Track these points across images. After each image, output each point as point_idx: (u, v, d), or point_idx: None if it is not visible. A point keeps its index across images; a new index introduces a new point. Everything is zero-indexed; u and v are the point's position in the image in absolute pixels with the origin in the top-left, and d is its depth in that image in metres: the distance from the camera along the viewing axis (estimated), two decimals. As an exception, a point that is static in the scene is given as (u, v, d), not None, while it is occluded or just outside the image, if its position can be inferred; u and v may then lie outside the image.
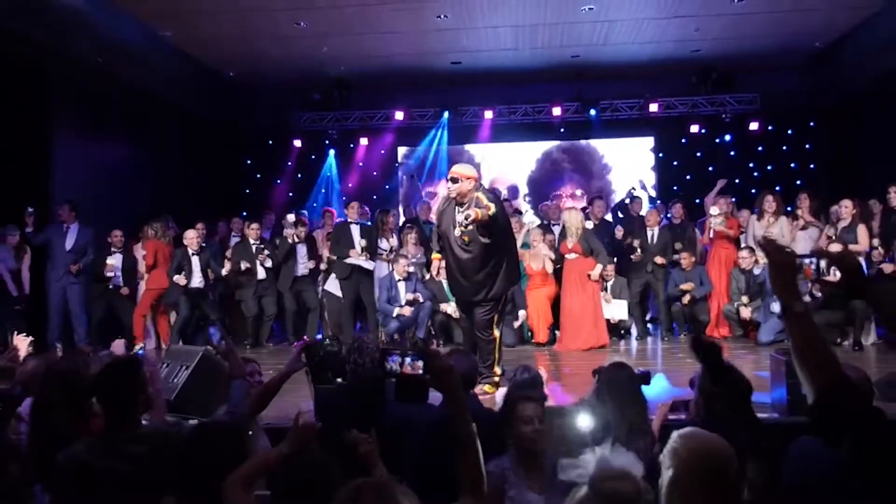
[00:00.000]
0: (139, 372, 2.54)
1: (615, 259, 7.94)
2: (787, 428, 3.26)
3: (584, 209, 8.85)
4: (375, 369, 3.09)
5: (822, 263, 1.93)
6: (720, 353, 2.48)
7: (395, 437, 3.05)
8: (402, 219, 9.58)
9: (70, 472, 2.20)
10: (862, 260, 6.99)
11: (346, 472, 2.08)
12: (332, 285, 8.11)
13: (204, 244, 7.97)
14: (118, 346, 3.57)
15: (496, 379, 5.13)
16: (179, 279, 7.52)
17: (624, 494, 1.76)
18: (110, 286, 7.70)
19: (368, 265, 7.87)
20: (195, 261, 7.67)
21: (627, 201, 9.72)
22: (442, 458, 2.05)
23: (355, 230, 7.95)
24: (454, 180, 4.97)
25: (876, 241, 7.09)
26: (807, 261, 2.04)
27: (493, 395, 4.88)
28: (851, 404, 1.61)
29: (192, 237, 7.71)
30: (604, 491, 1.77)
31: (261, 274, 8.05)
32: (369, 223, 8.43)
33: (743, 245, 7.70)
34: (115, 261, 7.67)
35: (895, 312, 1.76)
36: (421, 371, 2.06)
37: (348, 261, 7.84)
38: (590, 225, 7.84)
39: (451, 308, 7.43)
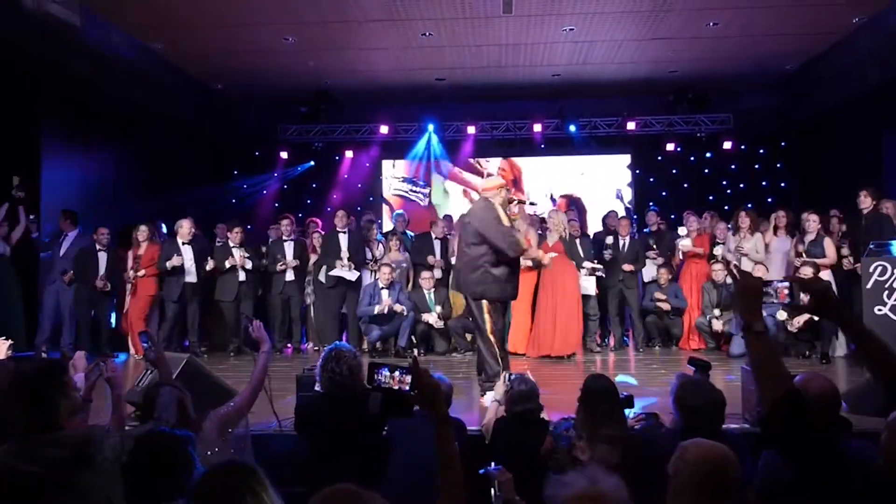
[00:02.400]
0: (62, 377, 2.51)
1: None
2: (758, 438, 3.38)
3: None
4: (353, 377, 3.15)
5: (795, 287, 2.10)
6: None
7: (381, 451, 3.15)
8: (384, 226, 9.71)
9: None
10: (830, 274, 7.22)
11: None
12: (324, 277, 8.10)
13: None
14: (79, 357, 3.54)
15: None
16: (174, 261, 7.50)
17: None
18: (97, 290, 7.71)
19: (351, 276, 7.95)
20: (187, 251, 7.67)
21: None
22: (426, 473, 2.05)
23: (343, 239, 8.03)
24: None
25: (845, 250, 7.16)
26: (780, 284, 2.25)
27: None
28: (800, 418, 1.68)
29: (186, 227, 7.75)
30: None
31: (241, 276, 8.04)
32: (356, 228, 8.50)
33: (718, 257, 7.86)
34: (103, 268, 7.65)
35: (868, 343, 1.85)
36: (408, 386, 2.14)
37: (333, 272, 7.93)
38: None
39: (432, 318, 7.57)
